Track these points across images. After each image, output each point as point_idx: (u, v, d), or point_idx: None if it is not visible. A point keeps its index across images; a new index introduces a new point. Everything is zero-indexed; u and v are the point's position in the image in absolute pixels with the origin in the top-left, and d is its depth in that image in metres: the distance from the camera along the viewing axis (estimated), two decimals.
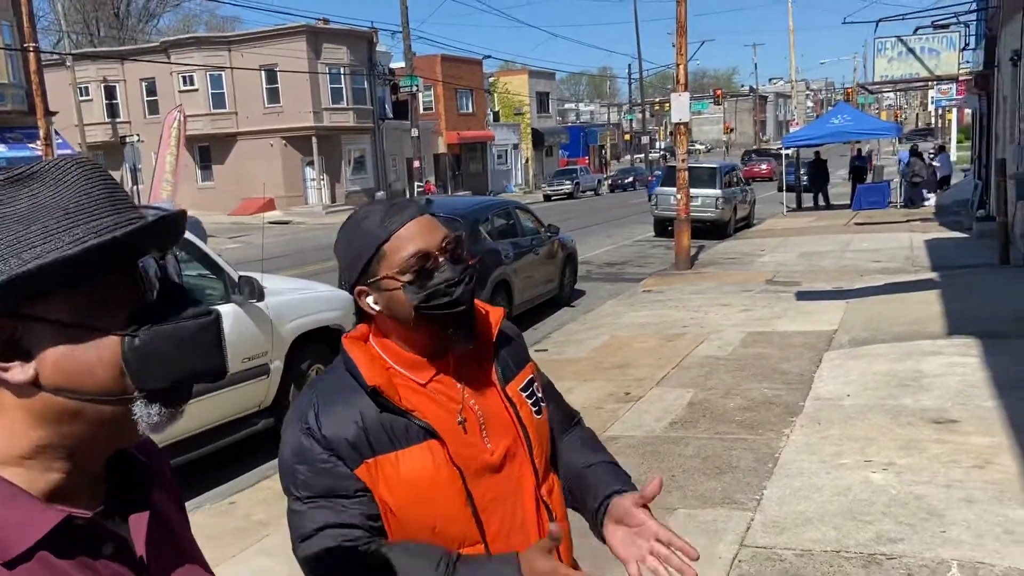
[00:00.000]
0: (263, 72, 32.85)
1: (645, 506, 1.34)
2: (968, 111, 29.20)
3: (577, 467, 1.49)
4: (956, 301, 8.51)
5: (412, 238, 1.26)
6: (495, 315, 1.41)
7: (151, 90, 35.32)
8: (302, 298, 6.05)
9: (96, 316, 0.74)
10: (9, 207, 0.72)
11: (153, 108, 34.73)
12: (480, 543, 1.29)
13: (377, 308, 1.30)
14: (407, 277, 1.25)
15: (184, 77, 33.69)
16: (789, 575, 3.44)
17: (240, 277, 5.35)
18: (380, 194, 31.28)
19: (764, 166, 39.60)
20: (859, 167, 24.68)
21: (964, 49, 19.69)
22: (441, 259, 1.27)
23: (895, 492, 4.14)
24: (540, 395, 1.45)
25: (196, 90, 33.70)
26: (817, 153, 24.18)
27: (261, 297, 5.39)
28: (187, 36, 34.91)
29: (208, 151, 34.77)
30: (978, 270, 10.65)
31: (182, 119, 24.62)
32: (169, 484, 0.96)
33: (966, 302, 8.47)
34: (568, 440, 1.56)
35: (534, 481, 1.36)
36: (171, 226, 0.79)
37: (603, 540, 1.39)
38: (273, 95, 33.62)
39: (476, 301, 1.35)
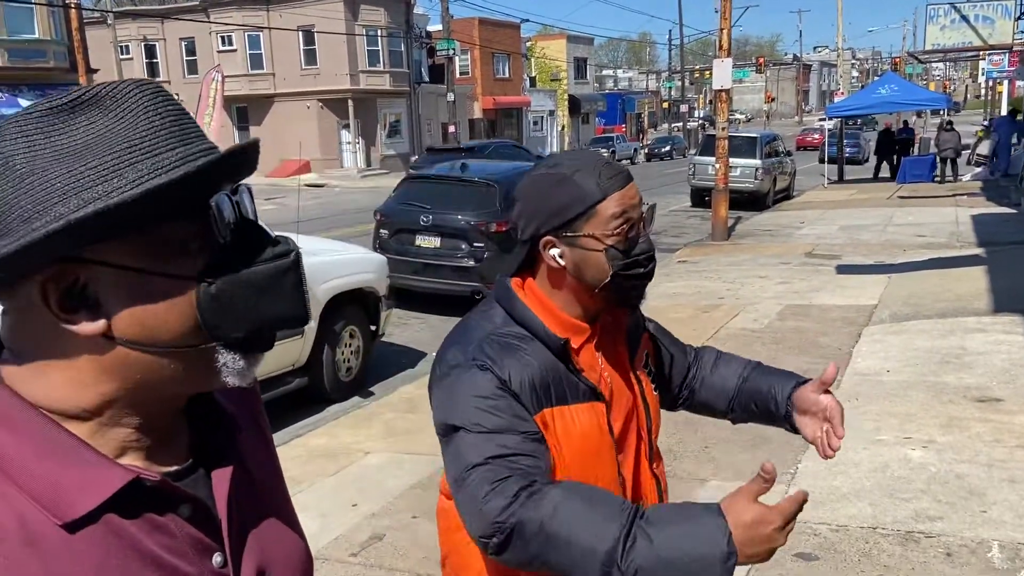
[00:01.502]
0: (300, 33, 32.79)
1: (827, 390, 1.37)
2: (1020, 83, 28.20)
3: (734, 384, 1.54)
4: (1002, 278, 8.28)
5: (625, 203, 1.25)
6: None
7: (190, 50, 35.49)
8: (337, 259, 6.06)
9: (168, 261, 0.67)
10: (64, 137, 0.64)
11: (192, 68, 34.94)
12: None
13: (562, 263, 1.26)
14: (611, 241, 1.24)
15: (223, 37, 33.78)
16: (823, 550, 3.39)
17: (275, 237, 5.35)
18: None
19: (816, 135, 38.49)
20: (905, 139, 24.05)
21: (1019, 18, 18.97)
22: (643, 229, 1.28)
23: (935, 470, 4.05)
24: (653, 368, 1.48)
25: (234, 50, 33.80)
26: (888, 125, 23.73)
27: None
28: None
29: (245, 112, 34.92)
30: None
31: (220, 79, 24.78)
32: (259, 426, 0.89)
33: (1013, 279, 8.23)
34: (705, 368, 1.60)
35: (648, 458, 1.41)
36: (245, 157, 0.71)
37: (798, 433, 1.44)
38: (310, 56, 33.56)
39: None
